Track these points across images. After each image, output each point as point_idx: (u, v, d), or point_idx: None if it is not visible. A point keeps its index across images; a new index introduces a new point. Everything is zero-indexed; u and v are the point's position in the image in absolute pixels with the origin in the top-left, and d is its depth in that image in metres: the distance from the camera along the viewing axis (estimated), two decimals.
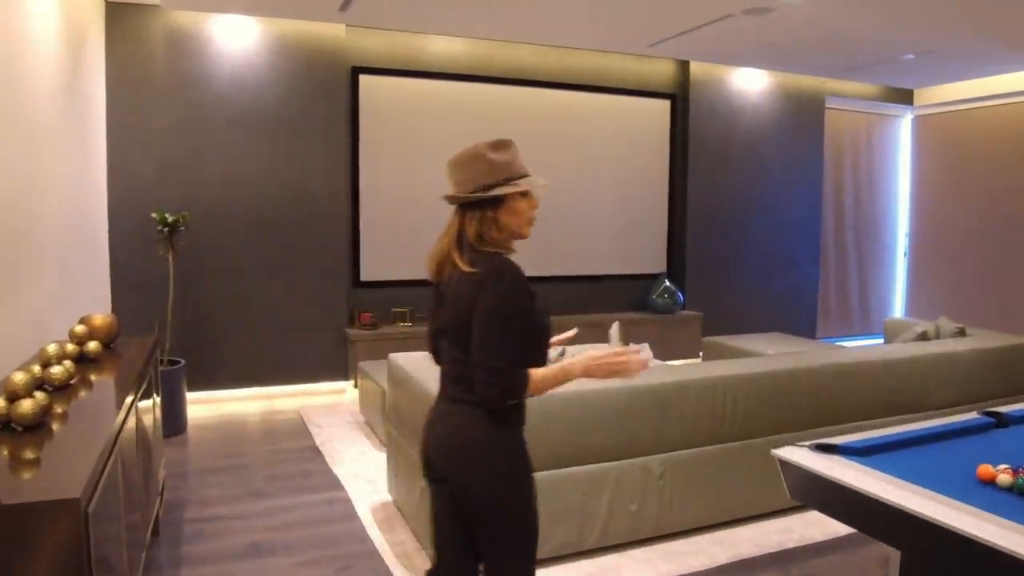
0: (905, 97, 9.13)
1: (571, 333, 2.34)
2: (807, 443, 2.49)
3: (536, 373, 1.97)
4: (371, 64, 6.52)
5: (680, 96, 7.74)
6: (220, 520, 3.75)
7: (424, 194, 6.69)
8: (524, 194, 2.18)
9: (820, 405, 3.83)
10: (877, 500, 2.07)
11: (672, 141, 7.76)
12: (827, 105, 8.54)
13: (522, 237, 2.19)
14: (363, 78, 6.49)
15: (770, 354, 5.37)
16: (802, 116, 8.33)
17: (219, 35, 5.92)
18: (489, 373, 1.90)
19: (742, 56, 7.43)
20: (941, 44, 6.77)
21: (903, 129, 9.32)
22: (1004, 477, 2.20)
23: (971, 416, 2.90)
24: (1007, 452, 2.54)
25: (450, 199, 2.15)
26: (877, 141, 9.17)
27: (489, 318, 1.93)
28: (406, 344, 6.03)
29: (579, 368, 2.04)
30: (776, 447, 2.51)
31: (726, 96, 7.87)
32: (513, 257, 2.13)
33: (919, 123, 9.22)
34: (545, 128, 7.12)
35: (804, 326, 8.53)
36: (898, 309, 9.48)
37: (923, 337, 4.54)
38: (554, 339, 2.24)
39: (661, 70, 7.66)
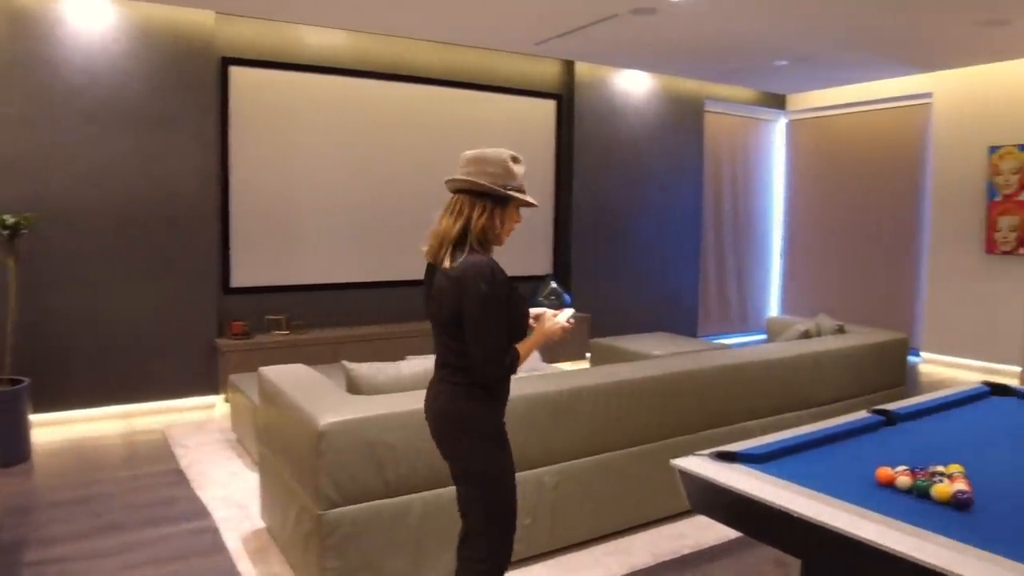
0: (778, 102, 9.45)
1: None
2: (706, 452, 2.38)
3: (521, 347, 2.27)
4: (243, 55, 6.09)
5: (566, 97, 7.69)
6: (66, 562, 3.31)
7: (301, 193, 6.33)
8: (519, 207, 2.39)
9: (711, 407, 3.78)
10: (780, 511, 1.97)
11: (558, 142, 7.70)
12: (706, 108, 8.71)
13: (499, 244, 2.39)
14: (234, 70, 6.06)
15: (659, 356, 5.35)
16: (683, 119, 8.46)
17: (70, 17, 5.36)
18: (487, 361, 2.17)
19: (626, 58, 7.45)
20: (813, 51, 6.99)
21: (777, 133, 9.64)
22: (903, 479, 2.15)
23: (861, 415, 2.88)
24: (901, 451, 2.52)
25: (472, 184, 2.29)
26: (753, 144, 9.45)
27: (480, 314, 2.16)
28: (282, 355, 5.66)
29: (545, 332, 2.40)
30: (668, 451, 2.41)
31: (610, 98, 7.88)
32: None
33: (792, 127, 9.57)
34: (428, 127, 6.90)
35: (686, 325, 8.67)
36: (774, 307, 9.80)
37: (805, 335, 4.60)
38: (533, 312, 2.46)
39: (547, 70, 7.58)
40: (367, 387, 3.01)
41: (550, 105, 7.61)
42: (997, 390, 3.44)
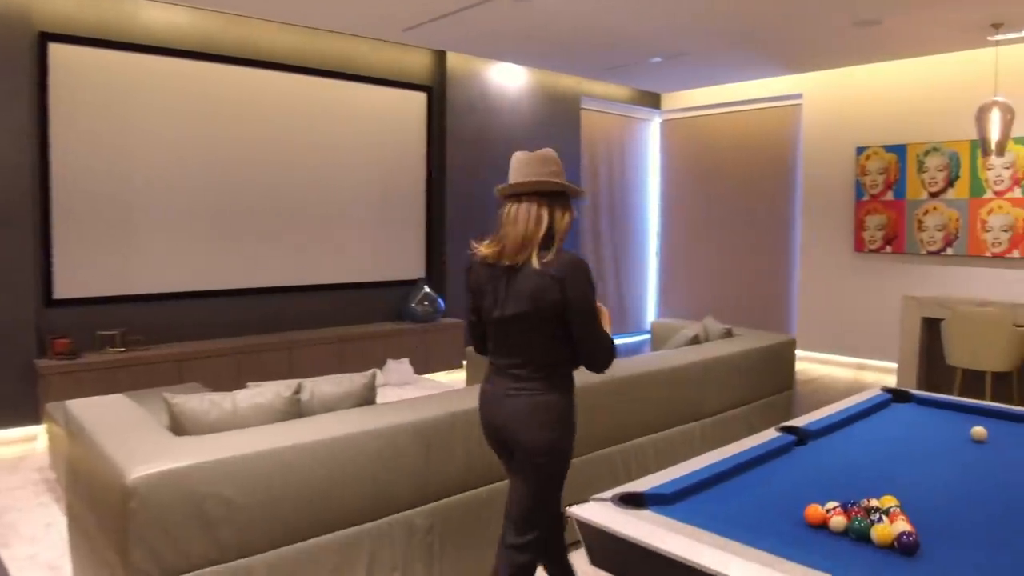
0: (654, 101, 9.36)
1: None
2: (607, 494, 1.99)
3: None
4: (65, 31, 5.26)
5: (437, 89, 7.23)
6: None
7: (138, 190, 5.57)
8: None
9: (601, 424, 3.43)
10: (702, 572, 1.61)
11: (429, 137, 7.22)
12: (583, 106, 8.47)
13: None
14: (54, 47, 5.22)
15: None
16: (559, 116, 8.18)
17: None
18: (607, 349, 2.36)
19: (501, 49, 7.07)
20: (687, 49, 6.85)
21: (652, 132, 9.55)
22: (837, 520, 1.84)
23: (770, 435, 2.59)
24: (820, 477, 2.25)
25: (555, 185, 2.34)
26: (629, 143, 9.31)
27: (588, 307, 2.28)
28: (115, 376, 4.93)
29: (606, 319, 2.43)
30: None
31: (484, 91, 7.48)
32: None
33: (666, 127, 9.50)
34: (287, 118, 6.26)
35: None
36: (651, 307, 9.71)
37: (695, 341, 4.35)
38: None
39: (417, 60, 7.09)
40: (195, 426, 2.45)
41: (420, 97, 7.13)
42: (896, 395, 3.27)
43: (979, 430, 2.67)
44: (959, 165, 6.89)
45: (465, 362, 6.53)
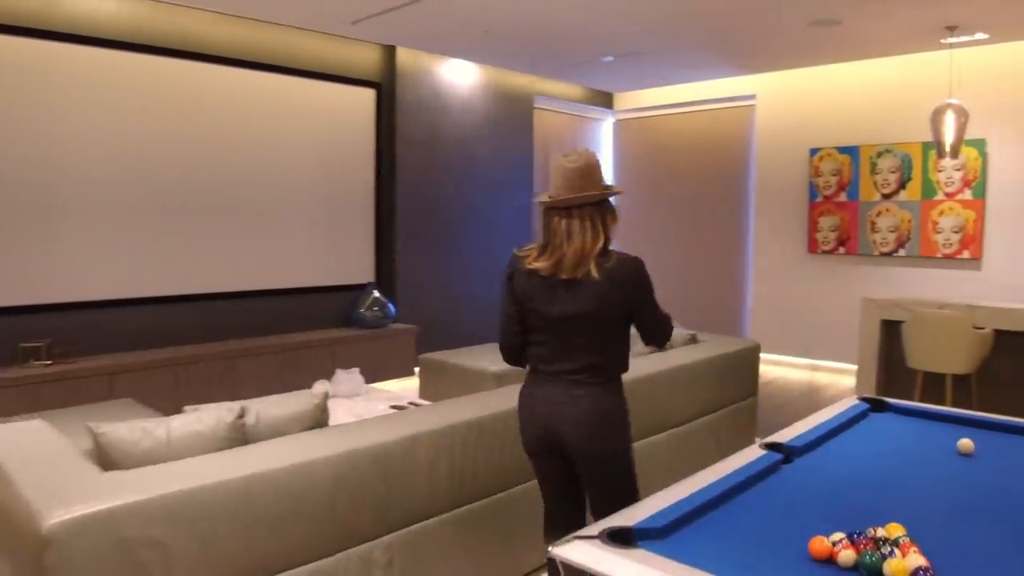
0: (607, 101, 9.24)
1: None
2: (594, 530, 1.80)
3: None
4: None
5: (386, 86, 6.96)
6: None
7: (63, 190, 5.18)
8: None
9: None
10: None
11: (378, 136, 6.95)
12: (536, 105, 8.30)
13: None
14: None
15: (495, 371, 4.81)
16: (513, 115, 7.99)
17: None
18: (667, 329, 2.52)
19: (452, 45, 6.84)
20: (641, 47, 6.73)
21: (605, 132, 9.43)
22: (846, 554, 1.68)
23: (754, 453, 2.44)
24: (815, 502, 2.09)
25: (605, 193, 2.42)
26: (582, 143, 9.16)
27: (652, 302, 2.45)
28: (40, 393, 4.57)
29: None
30: (523, 497, 1.79)
31: (435, 88, 7.24)
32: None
33: (619, 127, 9.39)
34: (228, 114, 5.93)
35: None
36: None
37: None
38: None
39: (366, 56, 6.82)
40: (125, 458, 2.17)
41: (369, 94, 6.85)
42: (874, 405, 3.16)
43: (966, 443, 2.57)
44: (911, 167, 6.92)
45: (418, 369, 6.29)
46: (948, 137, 5.85)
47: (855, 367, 6.78)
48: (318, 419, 2.51)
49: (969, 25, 5.81)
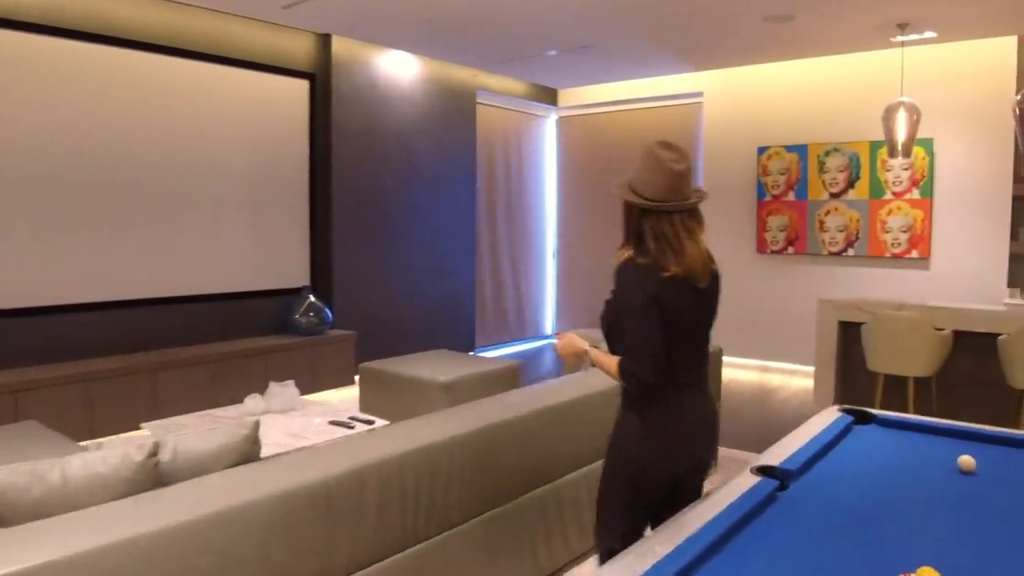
0: (550, 97, 8.98)
1: None
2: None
3: None
4: None
5: (321, 77, 6.54)
6: None
7: None
8: None
9: (530, 459, 2.95)
10: None
11: (312, 129, 6.53)
12: (478, 100, 7.98)
13: None
14: None
15: (444, 381, 4.49)
16: (455, 110, 7.66)
17: None
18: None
19: (390, 34, 6.47)
20: (589, 40, 6.48)
21: (549, 129, 9.18)
22: None
23: (748, 480, 2.18)
24: (826, 538, 1.86)
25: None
26: (526, 140, 8.90)
27: None
28: None
29: None
30: (490, 526, 1.49)
31: (373, 80, 6.85)
32: None
33: (563, 124, 9.15)
34: (147, 105, 5.43)
35: (463, 336, 7.90)
36: (550, 312, 9.34)
37: None
38: None
39: (299, 45, 6.39)
40: (10, 511, 1.77)
41: (302, 85, 6.43)
42: (857, 416, 2.95)
43: (967, 460, 2.37)
44: (859, 166, 6.86)
45: (357, 377, 5.92)
46: (900, 135, 5.77)
47: (807, 368, 6.70)
48: (247, 452, 2.14)
49: (919, 23, 5.74)
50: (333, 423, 4.22)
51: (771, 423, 5.43)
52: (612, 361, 2.19)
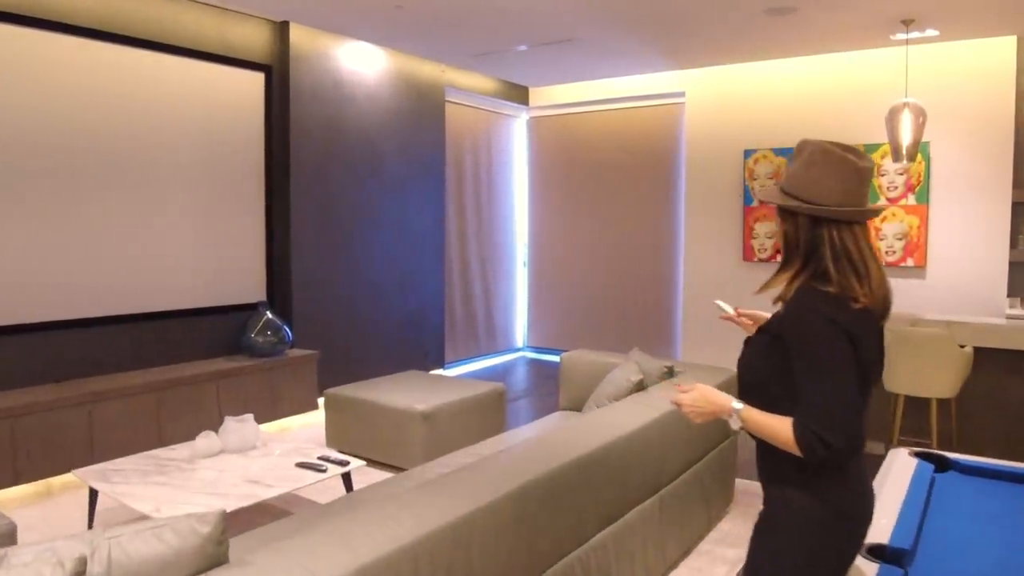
0: (522, 96, 8.49)
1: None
2: None
3: None
4: None
5: (278, 69, 5.93)
6: None
7: None
8: None
9: (555, 528, 2.44)
10: None
11: (268, 126, 5.90)
12: (447, 98, 7.45)
13: None
14: None
15: (423, 410, 3.99)
16: (422, 108, 7.10)
17: None
18: None
19: (352, 22, 5.90)
20: (568, 33, 6.01)
21: (520, 129, 8.69)
22: None
23: (871, 570, 1.72)
24: None
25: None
26: (497, 141, 8.39)
27: None
28: None
29: None
30: None
31: (336, 74, 6.26)
32: None
33: (535, 124, 8.67)
34: (85, 100, 4.75)
35: (432, 350, 7.35)
36: (521, 324, 8.85)
37: (640, 387, 3.45)
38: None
39: (253, 33, 5.76)
40: None
41: (257, 78, 5.80)
42: (934, 462, 2.53)
43: None
44: None
45: (321, 401, 5.34)
46: (905, 138, 5.43)
47: None
48: (213, 557, 1.58)
49: (924, 20, 5.41)
50: (300, 465, 3.66)
51: None
52: (783, 425, 1.63)
